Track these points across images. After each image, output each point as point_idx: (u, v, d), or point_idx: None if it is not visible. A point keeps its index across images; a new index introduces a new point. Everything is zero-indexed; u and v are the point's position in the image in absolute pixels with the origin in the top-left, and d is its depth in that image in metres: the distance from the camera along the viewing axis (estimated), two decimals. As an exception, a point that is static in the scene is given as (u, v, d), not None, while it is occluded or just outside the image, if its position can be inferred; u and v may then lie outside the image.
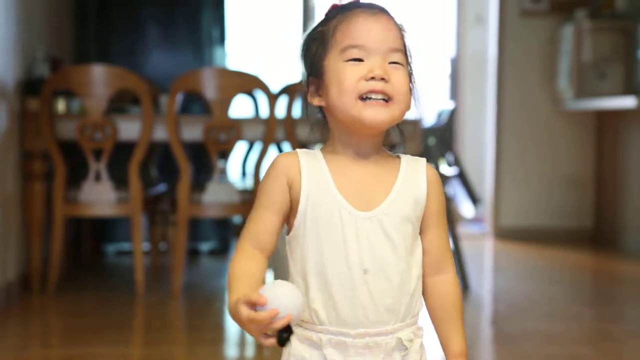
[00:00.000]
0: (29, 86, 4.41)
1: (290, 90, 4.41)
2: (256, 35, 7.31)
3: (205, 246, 5.75)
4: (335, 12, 1.45)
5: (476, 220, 7.23)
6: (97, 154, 4.31)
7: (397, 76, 1.40)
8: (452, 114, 7.73)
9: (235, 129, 4.28)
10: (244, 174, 5.77)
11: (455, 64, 7.81)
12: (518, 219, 6.61)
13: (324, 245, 1.40)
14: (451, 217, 4.69)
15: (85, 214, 4.41)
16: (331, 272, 1.39)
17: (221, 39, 5.83)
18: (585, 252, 6.07)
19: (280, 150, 5.79)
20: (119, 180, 4.36)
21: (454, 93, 7.84)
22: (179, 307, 4.20)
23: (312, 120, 1.49)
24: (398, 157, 1.48)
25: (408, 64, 1.45)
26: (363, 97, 1.39)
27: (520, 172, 6.60)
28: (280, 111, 4.36)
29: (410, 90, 1.44)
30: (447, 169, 6.43)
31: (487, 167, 6.84)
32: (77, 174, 4.48)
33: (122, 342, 3.48)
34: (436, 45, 8.07)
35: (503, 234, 6.59)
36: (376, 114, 1.39)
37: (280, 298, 1.28)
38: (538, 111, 6.56)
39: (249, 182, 5.41)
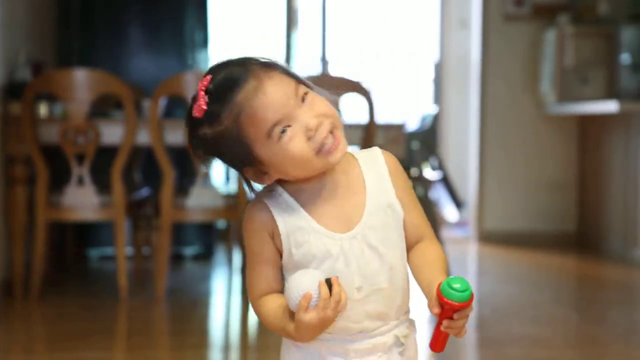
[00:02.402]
0: (11, 90, 4.39)
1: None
2: (239, 39, 7.30)
3: (189, 251, 5.73)
4: (217, 107, 1.37)
5: (460, 224, 7.24)
6: (80, 159, 4.29)
7: (317, 104, 1.38)
8: (436, 118, 7.76)
9: (219, 133, 4.25)
10: (227, 178, 5.76)
11: (439, 68, 7.82)
12: (502, 222, 6.63)
13: None
14: (436, 221, 4.69)
15: (68, 219, 4.38)
16: None
17: (204, 43, 5.81)
18: (569, 256, 6.09)
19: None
20: (102, 185, 4.34)
21: (438, 97, 7.86)
22: (162, 312, 4.18)
23: (255, 190, 1.47)
24: (354, 158, 1.47)
25: (305, 83, 1.41)
26: (319, 150, 1.37)
27: (504, 176, 6.62)
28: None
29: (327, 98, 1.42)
30: (431, 173, 6.44)
31: (471, 171, 6.85)
32: (59, 179, 4.46)
33: (105, 347, 3.46)
34: (420, 49, 8.08)
35: (487, 237, 6.61)
36: (339, 153, 1.39)
37: (303, 283, 1.33)
38: (521, 115, 6.58)
39: (232, 187, 5.40)
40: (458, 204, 6.81)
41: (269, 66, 1.39)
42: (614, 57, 6.14)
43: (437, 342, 1.40)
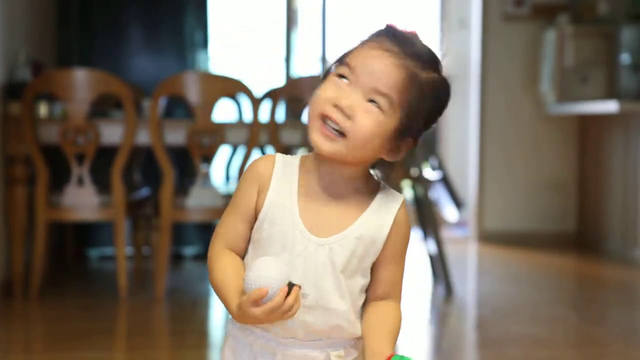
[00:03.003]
0: (11, 90, 4.39)
1: (273, 95, 4.41)
2: (239, 39, 7.30)
3: (188, 251, 5.73)
4: (383, 31, 1.39)
5: (460, 224, 7.24)
6: (80, 159, 4.29)
7: (364, 118, 1.33)
8: (436, 118, 7.75)
9: (219, 133, 4.26)
10: (227, 178, 5.76)
11: (439, 68, 7.81)
12: (502, 222, 6.63)
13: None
14: (435, 221, 4.69)
15: (68, 219, 4.38)
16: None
17: (204, 43, 5.81)
18: (569, 256, 6.09)
19: (263, 154, 5.77)
20: (102, 185, 4.34)
21: (437, 97, 7.84)
22: (162, 312, 4.18)
23: None
24: (377, 188, 1.43)
25: (405, 112, 1.36)
26: (324, 120, 1.35)
27: (504, 176, 6.62)
28: (264, 115, 4.35)
29: (392, 140, 1.37)
30: (430, 173, 6.44)
31: (471, 170, 6.85)
32: (59, 179, 4.46)
33: (105, 347, 3.46)
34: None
35: (487, 237, 6.61)
36: (321, 142, 1.35)
37: (269, 275, 1.28)
38: (521, 115, 6.58)
39: (232, 187, 5.40)
40: (458, 204, 6.81)
41: (412, 73, 1.35)
42: (614, 57, 6.14)
43: None
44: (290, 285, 1.29)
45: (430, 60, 1.38)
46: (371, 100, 1.33)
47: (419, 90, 1.36)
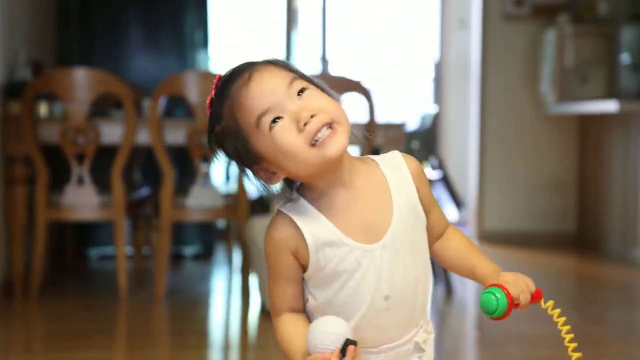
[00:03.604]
0: (11, 90, 4.39)
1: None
2: (239, 39, 7.30)
3: (188, 250, 5.73)
4: (219, 105, 1.38)
5: (460, 223, 7.24)
6: (80, 158, 4.29)
7: (315, 99, 1.36)
8: (436, 117, 7.76)
9: (219, 133, 4.26)
10: (227, 177, 5.76)
11: (439, 68, 7.82)
12: (502, 222, 6.63)
13: (342, 291, 1.40)
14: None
15: (68, 218, 4.38)
16: (354, 309, 1.39)
17: (204, 43, 5.81)
18: (569, 256, 6.09)
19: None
20: (102, 185, 4.34)
21: (438, 97, 7.86)
22: (162, 312, 4.18)
23: (279, 194, 1.44)
24: (374, 162, 1.45)
25: (308, 80, 1.39)
26: (312, 143, 1.34)
27: (504, 176, 6.62)
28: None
29: (330, 97, 1.39)
30: (430, 173, 6.44)
31: (471, 170, 6.85)
32: (59, 178, 4.46)
33: (105, 347, 3.46)
34: (420, 49, 8.09)
35: (487, 237, 6.61)
36: (335, 145, 1.34)
37: (329, 336, 1.32)
38: (521, 115, 6.58)
39: (232, 186, 5.40)
40: (458, 203, 6.81)
41: (268, 61, 1.39)
42: (614, 57, 6.14)
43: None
44: (347, 343, 1.31)
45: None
46: (298, 95, 1.36)
47: (285, 66, 1.41)
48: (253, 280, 4.39)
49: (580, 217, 6.55)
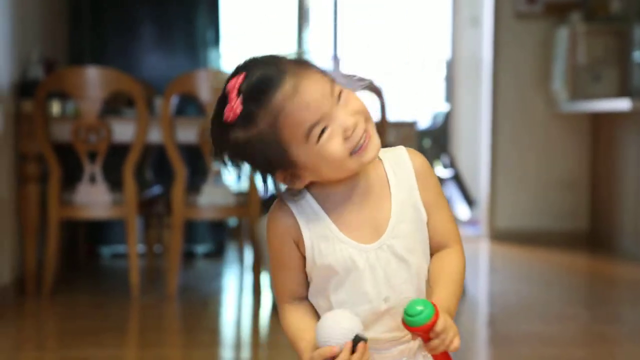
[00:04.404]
0: (24, 88, 4.41)
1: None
2: (251, 37, 7.31)
3: (200, 249, 5.74)
4: (252, 111, 1.31)
5: (471, 222, 7.23)
6: (92, 157, 4.30)
7: (351, 102, 1.35)
8: (448, 116, 7.75)
9: (231, 131, 4.26)
10: (239, 176, 5.76)
11: (451, 66, 7.81)
12: (513, 220, 6.62)
13: (342, 289, 1.39)
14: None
15: (80, 217, 4.40)
16: (355, 311, 1.38)
17: (216, 41, 5.82)
18: (581, 254, 6.07)
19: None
20: (114, 183, 4.35)
21: (450, 95, 7.85)
22: (174, 310, 4.19)
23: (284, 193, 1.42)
24: (378, 158, 1.42)
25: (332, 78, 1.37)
26: (355, 151, 1.34)
27: (516, 174, 6.61)
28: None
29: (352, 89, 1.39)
30: (442, 171, 6.43)
31: (482, 169, 6.84)
32: (71, 177, 4.47)
33: (117, 345, 3.48)
34: (432, 47, 8.08)
35: (498, 236, 6.60)
36: (372, 151, 1.35)
37: (340, 330, 1.31)
38: (533, 113, 6.57)
39: (244, 185, 5.40)
40: (469, 202, 6.81)
41: (304, 64, 1.35)
42: (627, 55, 6.11)
43: None
44: (357, 340, 1.31)
45: (280, 58, 1.39)
46: (337, 99, 1.34)
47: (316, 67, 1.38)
48: (264, 279, 4.39)
49: (593, 216, 6.53)
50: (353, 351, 1.30)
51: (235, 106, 1.32)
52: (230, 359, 3.38)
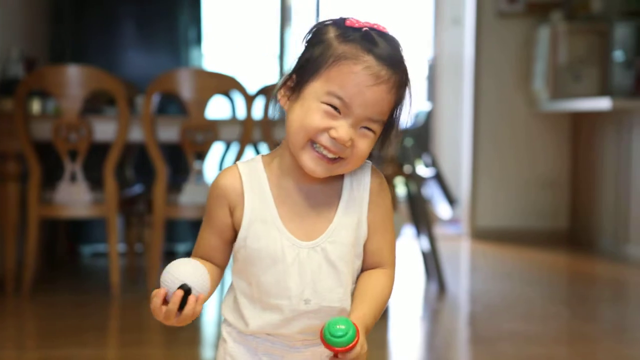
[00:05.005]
0: (3, 86, 4.38)
1: (267, 91, 4.41)
2: (233, 36, 7.30)
3: (181, 247, 5.72)
4: (352, 37, 1.35)
5: (453, 221, 7.24)
6: (73, 155, 4.28)
7: (361, 144, 1.35)
8: (429, 115, 7.75)
9: (212, 130, 4.26)
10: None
11: (432, 65, 7.83)
12: (494, 219, 6.64)
13: (264, 277, 1.38)
14: (428, 218, 4.70)
15: (60, 215, 4.38)
16: (272, 301, 1.38)
17: (198, 40, 5.81)
18: (561, 253, 6.10)
19: (257, 151, 5.78)
20: (95, 181, 4.33)
21: (431, 94, 7.86)
22: (155, 309, 4.17)
23: (275, 113, 1.44)
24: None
25: (388, 124, 1.38)
26: (314, 143, 1.34)
27: (497, 173, 6.63)
28: (257, 112, 4.35)
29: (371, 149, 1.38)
30: (424, 170, 6.44)
31: (464, 168, 6.86)
32: (52, 175, 4.45)
33: (97, 344, 3.46)
34: (413, 46, 8.09)
35: (479, 234, 6.62)
36: (316, 168, 1.35)
37: (171, 276, 1.33)
38: (514, 112, 6.59)
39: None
40: (451, 201, 6.82)
41: (399, 85, 1.36)
42: (607, 54, 6.15)
43: None
44: (187, 290, 1.31)
45: (405, 64, 1.39)
46: (363, 127, 1.34)
47: (403, 100, 1.39)
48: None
49: (573, 215, 6.56)
50: (184, 302, 1.31)
51: (357, 21, 1.37)
52: (211, 357, 3.37)
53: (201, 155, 4.40)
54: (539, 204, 6.60)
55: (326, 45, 1.35)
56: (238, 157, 4.35)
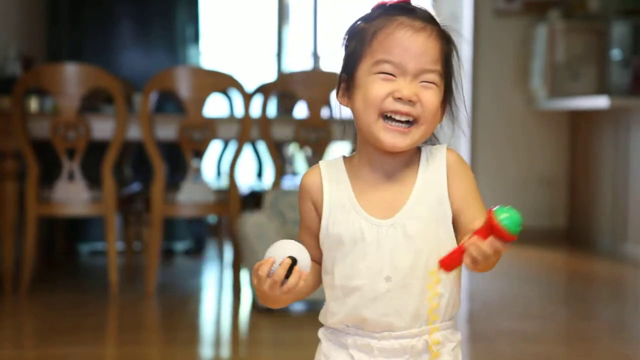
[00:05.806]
0: (1, 85, 4.38)
1: (264, 90, 4.41)
2: (230, 34, 7.29)
3: (179, 246, 5.72)
4: (378, 13, 1.41)
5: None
6: (71, 154, 4.28)
7: (427, 96, 1.36)
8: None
9: (210, 128, 4.26)
10: (218, 173, 5.75)
11: (430, 63, 7.82)
12: (492, 218, 6.63)
13: (344, 260, 1.39)
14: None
15: (59, 214, 4.38)
16: (351, 283, 1.39)
17: (195, 38, 5.81)
18: (559, 251, 6.10)
19: (255, 150, 5.78)
20: (93, 180, 4.33)
21: (429, 92, 7.85)
22: (153, 307, 4.18)
23: (343, 120, 1.46)
24: (418, 150, 1.44)
25: (446, 78, 1.41)
26: (386, 116, 1.35)
27: (494, 172, 6.63)
28: (255, 110, 4.35)
29: (443, 106, 1.41)
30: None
31: (462, 166, 6.85)
32: (50, 174, 4.45)
33: (96, 343, 3.46)
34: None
35: (477, 233, 6.61)
36: (394, 141, 1.36)
37: (279, 248, 1.35)
38: (512, 111, 6.59)
39: (223, 182, 5.40)
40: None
41: (442, 37, 1.42)
42: (605, 53, 6.15)
43: (450, 261, 1.29)
44: (294, 261, 1.34)
45: (435, 18, 1.45)
46: (423, 81, 1.37)
47: (449, 50, 1.43)
48: (244, 276, 4.39)
49: (571, 213, 6.57)
50: (290, 272, 1.33)
51: (376, 5, 1.42)
52: (209, 356, 3.38)
53: (199, 154, 4.40)
54: (536, 202, 6.60)
55: (360, 33, 1.40)
56: (236, 156, 4.35)
